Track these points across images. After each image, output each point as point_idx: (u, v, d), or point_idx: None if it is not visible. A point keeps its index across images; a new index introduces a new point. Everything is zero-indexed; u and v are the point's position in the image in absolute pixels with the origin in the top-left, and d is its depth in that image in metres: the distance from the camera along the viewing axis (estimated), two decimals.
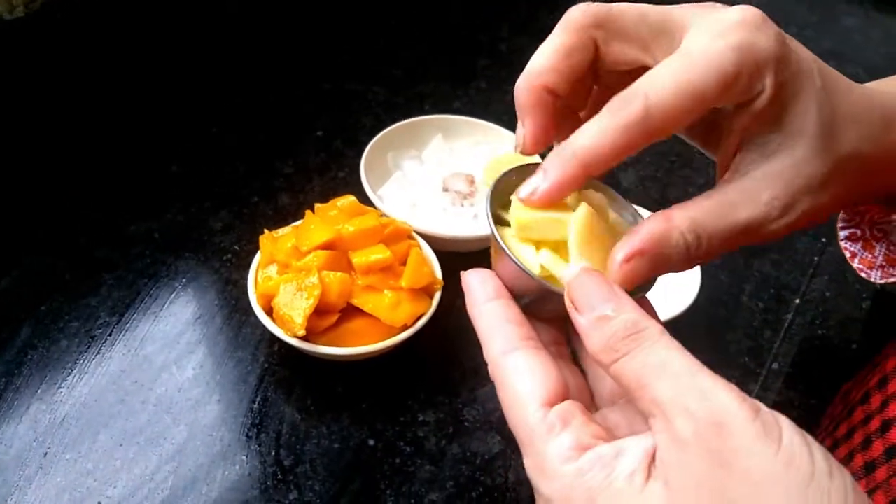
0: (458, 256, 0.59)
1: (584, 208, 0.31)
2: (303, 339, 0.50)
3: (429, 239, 0.59)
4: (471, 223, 0.63)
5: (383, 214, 0.59)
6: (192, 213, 0.65)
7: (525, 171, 0.34)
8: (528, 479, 0.35)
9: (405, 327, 0.52)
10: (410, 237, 0.58)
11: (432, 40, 0.92)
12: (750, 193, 0.29)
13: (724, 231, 0.28)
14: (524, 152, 0.34)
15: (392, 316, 0.52)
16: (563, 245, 0.31)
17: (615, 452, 0.25)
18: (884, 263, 0.48)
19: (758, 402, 0.24)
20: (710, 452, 0.23)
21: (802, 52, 0.29)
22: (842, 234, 0.51)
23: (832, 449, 0.40)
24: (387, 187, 0.66)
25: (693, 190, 0.75)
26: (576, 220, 0.31)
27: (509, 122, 0.71)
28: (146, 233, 0.63)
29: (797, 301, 0.64)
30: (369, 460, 0.49)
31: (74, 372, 0.53)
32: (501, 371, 0.29)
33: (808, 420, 0.48)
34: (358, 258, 0.53)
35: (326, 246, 0.53)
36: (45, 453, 0.48)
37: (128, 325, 0.56)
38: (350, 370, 0.54)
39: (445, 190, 0.66)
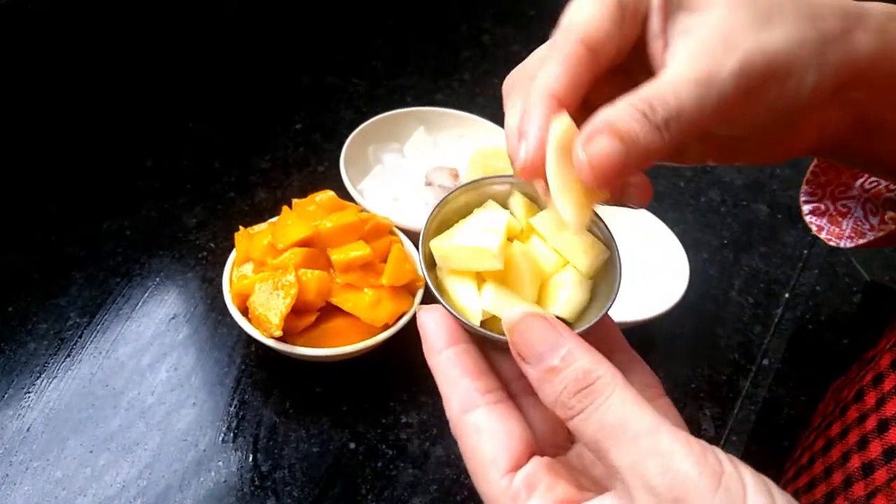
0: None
1: (502, 228, 0.29)
2: (280, 339, 0.48)
3: (411, 234, 0.57)
4: None
5: (363, 210, 0.57)
6: (166, 209, 0.63)
7: (472, 189, 0.31)
8: None
9: (386, 326, 0.51)
10: (392, 233, 0.57)
11: (413, 31, 0.90)
12: (689, 56, 0.27)
13: (676, 91, 0.26)
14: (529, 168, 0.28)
15: (373, 315, 0.50)
16: (503, 277, 0.29)
17: None
18: (851, 235, 0.47)
19: (720, 459, 0.23)
20: None
21: None
22: (805, 208, 0.49)
23: (825, 450, 0.39)
24: (367, 181, 0.65)
25: (681, 182, 0.74)
26: (506, 245, 0.28)
27: (494, 114, 0.70)
28: (118, 230, 0.61)
29: (787, 295, 0.63)
30: (350, 464, 0.48)
31: (43, 376, 0.50)
32: (462, 432, 0.27)
33: (799, 417, 0.47)
34: (337, 255, 0.51)
35: (304, 243, 0.51)
36: (12, 461, 0.46)
37: (99, 327, 0.54)
38: (330, 371, 0.53)
39: (428, 184, 0.65)
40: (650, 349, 0.57)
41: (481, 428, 0.26)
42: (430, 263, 0.31)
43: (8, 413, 0.48)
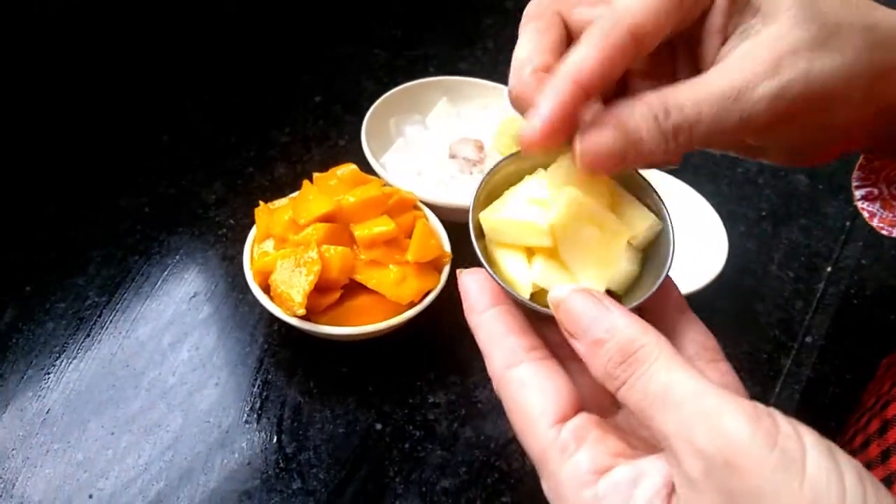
0: (468, 227, 0.56)
1: (563, 205, 0.28)
2: (303, 318, 0.46)
3: (435, 209, 0.55)
4: None
5: (386, 184, 0.55)
6: (184, 185, 0.62)
7: (523, 159, 0.30)
8: None
9: (412, 304, 0.49)
10: (416, 207, 0.55)
11: None
12: (728, 64, 0.26)
13: (697, 101, 0.25)
14: (532, 143, 0.27)
15: (398, 292, 0.48)
16: (553, 251, 0.28)
17: (633, 478, 0.23)
18: None
19: (776, 419, 0.21)
20: (725, 495, 0.21)
21: None
22: (857, 193, 0.47)
23: (881, 432, 0.37)
24: (389, 155, 0.62)
25: (716, 152, 0.71)
26: (557, 220, 0.28)
27: None
28: (136, 207, 0.59)
29: (829, 269, 0.60)
30: (377, 446, 0.46)
31: (62, 356, 0.49)
32: (507, 387, 0.27)
33: (845, 397, 0.44)
34: (360, 231, 0.49)
35: (326, 218, 0.49)
36: (32, 443, 0.45)
37: (118, 306, 0.53)
38: (355, 350, 0.51)
39: (452, 157, 0.62)
40: None
41: (527, 382, 0.26)
42: (479, 234, 0.30)
43: (28, 394, 0.47)
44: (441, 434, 0.47)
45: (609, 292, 0.27)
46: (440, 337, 0.52)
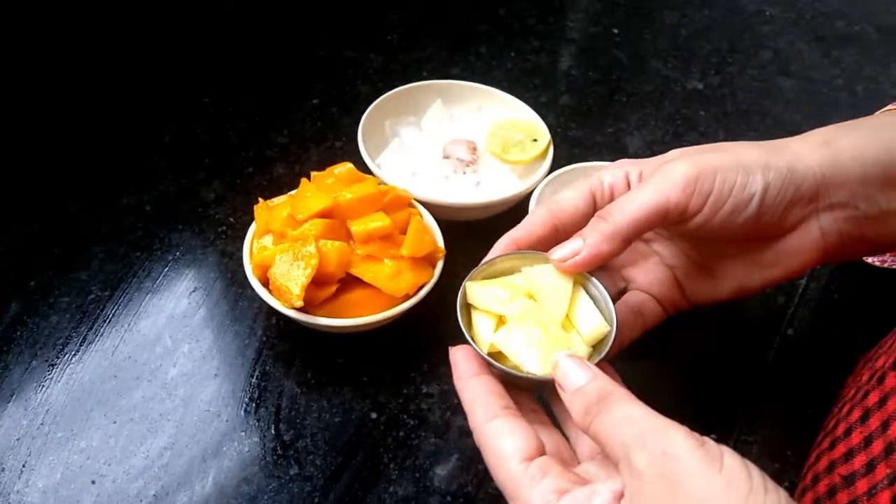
0: (461, 225, 0.58)
1: (517, 309, 0.38)
2: (301, 310, 0.48)
3: (430, 207, 0.57)
4: (473, 190, 0.61)
5: (382, 182, 0.57)
6: (185, 184, 0.63)
7: (519, 258, 0.40)
8: None
9: (407, 297, 0.50)
10: (410, 205, 0.56)
11: (428, 5, 0.89)
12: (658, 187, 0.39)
13: (643, 208, 0.38)
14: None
15: (393, 285, 0.50)
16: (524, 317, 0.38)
17: (588, 494, 0.30)
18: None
19: (704, 437, 0.29)
20: (661, 478, 0.28)
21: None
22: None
23: (863, 419, 0.38)
24: (385, 156, 0.64)
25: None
26: (516, 305, 0.38)
27: (510, 87, 0.69)
28: (137, 205, 0.61)
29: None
30: (372, 433, 0.48)
31: (66, 349, 0.51)
32: (485, 436, 0.34)
33: (829, 387, 0.46)
34: (356, 226, 0.51)
35: (323, 214, 0.51)
36: (37, 433, 0.46)
37: (121, 300, 0.54)
38: (351, 342, 0.52)
39: (446, 157, 0.64)
40: (670, 324, 0.56)
41: (501, 430, 0.33)
42: (465, 304, 0.40)
43: (32, 385, 0.49)
44: (434, 423, 0.49)
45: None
46: (434, 330, 0.53)
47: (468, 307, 0.40)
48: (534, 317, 0.38)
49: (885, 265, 0.56)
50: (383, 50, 0.80)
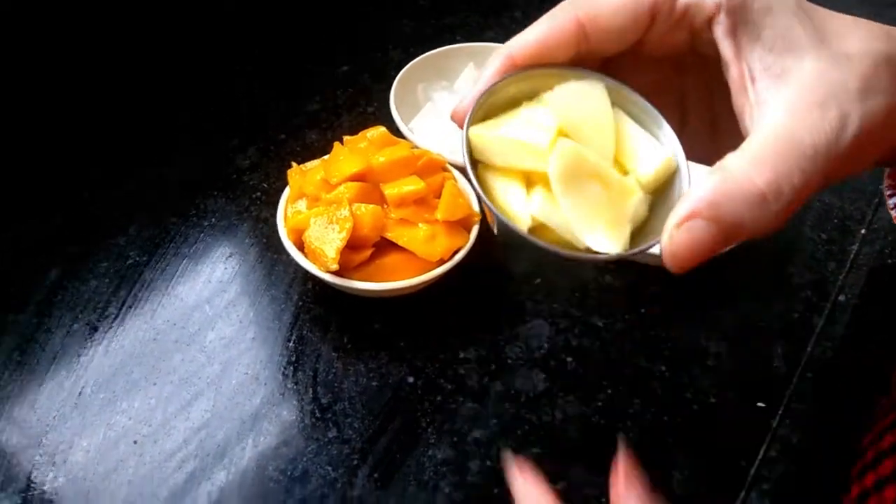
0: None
1: (560, 162, 0.25)
2: (336, 274, 0.48)
3: (464, 172, 0.56)
4: None
5: (415, 147, 0.56)
6: (219, 151, 0.63)
7: (523, 80, 0.27)
8: (575, 417, 0.35)
9: (442, 261, 0.50)
10: (445, 169, 0.55)
11: None
12: (798, 112, 0.24)
13: (799, 161, 0.23)
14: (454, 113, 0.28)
15: (428, 249, 0.49)
16: (545, 178, 0.26)
17: None
18: None
19: None
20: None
21: None
22: (891, 202, 0.47)
23: None
24: (418, 120, 0.63)
25: None
26: (559, 154, 0.25)
27: None
28: (172, 172, 0.61)
29: (863, 231, 0.59)
30: (409, 398, 0.47)
31: (106, 312, 0.51)
32: None
33: (884, 351, 0.44)
34: (390, 190, 0.50)
35: (357, 177, 0.50)
36: (80, 392, 0.47)
37: (158, 265, 0.54)
38: (386, 307, 0.52)
39: None
40: (718, 288, 0.54)
41: None
42: (474, 159, 0.28)
43: (74, 348, 0.49)
44: (472, 387, 0.48)
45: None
46: (470, 295, 0.53)
47: (480, 166, 0.28)
48: (584, 165, 0.26)
49: None
50: (414, 15, 0.79)
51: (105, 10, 0.69)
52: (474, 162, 0.28)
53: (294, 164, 0.53)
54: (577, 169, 0.26)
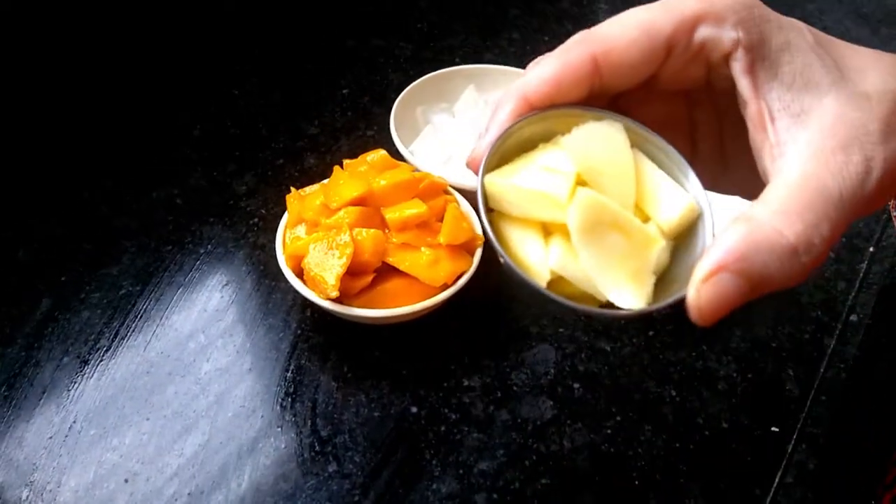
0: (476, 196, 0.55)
1: (579, 211, 0.24)
2: (336, 301, 0.46)
3: (466, 194, 0.55)
4: None
5: (416, 170, 0.55)
6: (215, 177, 0.62)
7: (538, 121, 0.26)
8: (584, 446, 0.32)
9: (445, 286, 0.48)
10: (447, 192, 0.54)
11: None
12: (823, 158, 0.24)
13: (827, 210, 0.23)
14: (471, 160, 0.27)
15: (431, 274, 0.48)
16: (564, 228, 0.25)
17: None
18: None
19: None
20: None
21: (783, 17, 0.26)
22: (895, 213, 0.47)
23: None
24: (418, 143, 0.62)
25: None
26: (578, 205, 0.24)
27: None
28: (167, 199, 0.60)
29: (871, 249, 0.58)
30: (412, 428, 0.46)
31: (98, 344, 0.50)
32: None
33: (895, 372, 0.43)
34: (391, 214, 0.49)
35: (357, 202, 0.49)
36: (70, 428, 0.45)
37: (152, 295, 0.53)
38: (388, 334, 0.51)
39: None
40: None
41: None
42: (489, 208, 0.26)
43: (64, 381, 0.48)
44: (477, 417, 0.47)
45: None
46: (474, 320, 0.51)
47: (495, 215, 0.26)
48: (605, 216, 0.25)
49: None
50: (413, 38, 0.79)
51: (95, 25, 0.68)
52: (489, 210, 0.26)
53: (293, 188, 0.52)
54: (597, 220, 0.24)
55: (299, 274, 0.48)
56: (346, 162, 0.53)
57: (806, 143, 0.24)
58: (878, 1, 0.91)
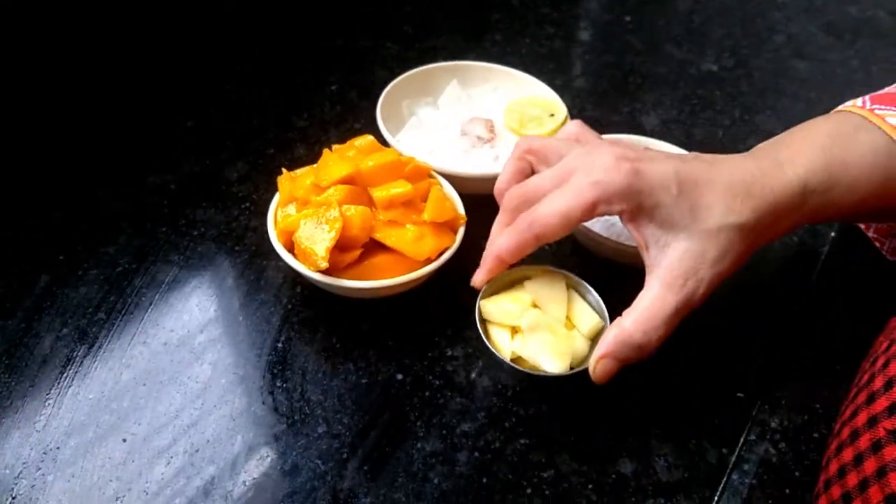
0: (481, 197, 0.58)
1: (528, 322, 0.46)
2: (325, 273, 0.48)
3: (450, 178, 0.57)
4: (492, 163, 0.62)
5: (402, 155, 0.57)
6: (208, 165, 0.64)
7: (518, 271, 0.49)
8: (564, 412, 0.37)
9: (429, 261, 0.51)
10: (430, 176, 0.57)
11: None
12: (669, 283, 0.40)
13: (665, 320, 0.40)
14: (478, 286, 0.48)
15: (416, 249, 0.50)
16: (520, 329, 0.46)
17: None
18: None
19: None
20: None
21: (657, 173, 0.41)
22: (869, 233, 0.53)
23: (885, 365, 0.38)
24: (403, 133, 0.65)
25: (719, 131, 0.73)
26: (528, 318, 0.46)
27: (525, 71, 0.70)
28: (162, 185, 0.62)
29: (832, 234, 0.62)
30: (398, 394, 0.48)
31: (95, 317, 0.52)
32: None
33: (859, 347, 0.45)
34: (378, 193, 0.52)
35: (346, 181, 0.52)
36: (68, 392, 0.47)
37: (147, 272, 0.55)
38: (375, 308, 0.53)
39: (464, 134, 0.65)
40: None
41: None
42: (482, 318, 0.47)
43: (63, 351, 0.49)
44: (460, 383, 0.49)
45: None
46: (457, 294, 0.54)
47: (485, 322, 0.47)
48: (542, 324, 0.45)
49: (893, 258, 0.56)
50: (399, 39, 0.82)
51: (95, 19, 0.71)
52: (482, 320, 0.47)
53: (284, 171, 0.54)
54: (537, 325, 0.45)
55: (290, 249, 0.51)
56: (334, 146, 0.56)
57: (664, 267, 0.41)
58: (844, 11, 0.96)
